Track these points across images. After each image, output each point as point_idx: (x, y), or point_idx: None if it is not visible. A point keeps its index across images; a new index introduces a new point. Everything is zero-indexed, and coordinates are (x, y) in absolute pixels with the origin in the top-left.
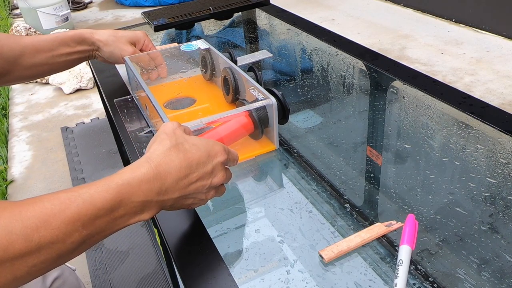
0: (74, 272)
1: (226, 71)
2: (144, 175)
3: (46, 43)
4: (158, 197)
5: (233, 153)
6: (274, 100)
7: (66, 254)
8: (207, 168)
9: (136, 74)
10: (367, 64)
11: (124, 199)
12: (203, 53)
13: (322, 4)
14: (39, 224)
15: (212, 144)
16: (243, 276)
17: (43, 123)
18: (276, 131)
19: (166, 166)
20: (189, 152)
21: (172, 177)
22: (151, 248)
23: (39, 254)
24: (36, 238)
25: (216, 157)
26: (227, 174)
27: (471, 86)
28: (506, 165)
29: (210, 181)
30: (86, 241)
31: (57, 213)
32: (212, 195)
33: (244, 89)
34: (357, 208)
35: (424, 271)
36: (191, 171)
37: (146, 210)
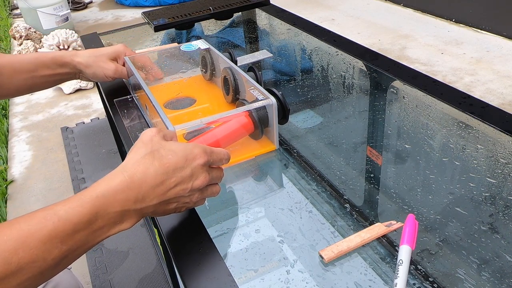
0: (70, 271)
1: (226, 71)
2: (118, 185)
3: (25, 64)
4: (136, 205)
5: (219, 152)
6: (274, 100)
7: (48, 271)
8: (186, 172)
9: (136, 74)
10: (367, 64)
11: (100, 211)
12: (203, 53)
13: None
14: (17, 246)
15: (191, 147)
16: (243, 276)
17: (43, 123)
18: (276, 131)
19: (141, 174)
20: (165, 158)
21: (148, 184)
22: (151, 248)
23: (21, 274)
24: (15, 260)
25: (194, 160)
26: (212, 175)
27: (471, 86)
28: (506, 165)
29: (191, 185)
30: (68, 256)
31: (34, 232)
32: (198, 197)
33: (244, 89)
34: (357, 208)
35: (424, 271)
36: (168, 177)
37: (126, 220)
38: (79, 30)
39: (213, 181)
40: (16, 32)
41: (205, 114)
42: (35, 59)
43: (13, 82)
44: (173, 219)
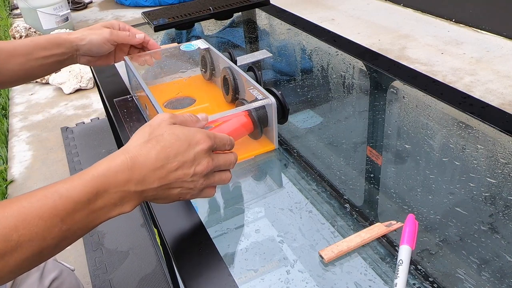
0: (73, 272)
1: (226, 70)
2: (119, 165)
3: (21, 47)
4: (136, 187)
5: (222, 137)
6: (273, 100)
7: (48, 251)
8: (188, 156)
9: (136, 73)
10: (367, 64)
11: (100, 191)
12: (202, 53)
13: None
14: (18, 223)
15: (194, 132)
16: (243, 276)
17: (43, 123)
18: (275, 131)
19: (142, 157)
20: (167, 142)
21: (148, 167)
22: (151, 248)
23: (20, 252)
24: (15, 237)
25: (197, 144)
26: (218, 161)
27: (471, 86)
28: (506, 165)
29: (193, 169)
30: (68, 236)
31: (35, 210)
32: (203, 183)
33: (243, 89)
34: (357, 208)
35: (424, 271)
36: (169, 161)
37: (126, 202)
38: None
39: (219, 168)
40: (16, 32)
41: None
42: (31, 41)
43: (9, 67)
44: (173, 220)
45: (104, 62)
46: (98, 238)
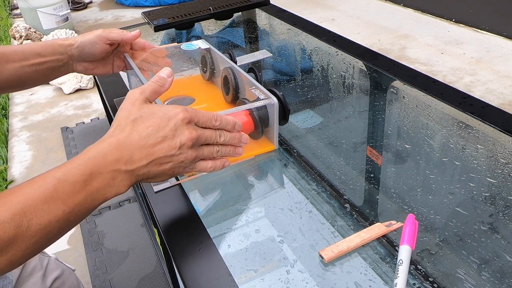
0: (73, 273)
1: (227, 70)
2: (106, 147)
3: (16, 52)
4: (126, 166)
5: (205, 113)
6: (275, 100)
7: (53, 234)
8: (169, 129)
9: (136, 71)
10: (367, 64)
11: (94, 172)
12: (203, 52)
13: (322, 4)
14: (25, 208)
15: (171, 107)
16: (243, 276)
17: (43, 123)
18: (276, 131)
19: (126, 138)
20: (146, 120)
21: (133, 146)
22: (151, 248)
23: (30, 236)
24: (25, 222)
25: (176, 116)
26: (203, 132)
27: (471, 86)
28: (506, 165)
29: (178, 141)
30: (71, 219)
31: (38, 195)
32: (192, 155)
33: (244, 89)
34: (357, 208)
35: (424, 271)
36: (152, 137)
37: (119, 182)
38: (79, 30)
39: (206, 140)
40: (16, 32)
41: None
42: (27, 46)
43: (3, 72)
44: (173, 220)
45: (102, 71)
46: (98, 238)
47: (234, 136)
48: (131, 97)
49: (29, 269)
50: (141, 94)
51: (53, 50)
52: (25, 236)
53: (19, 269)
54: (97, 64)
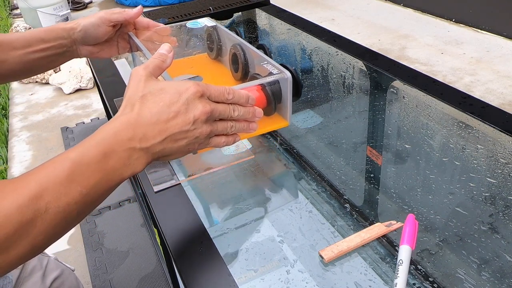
0: (73, 272)
1: (236, 47)
2: (118, 126)
3: (20, 39)
4: (141, 144)
5: (217, 87)
6: (288, 74)
7: (72, 217)
8: (180, 104)
9: (142, 48)
10: (367, 64)
11: (108, 152)
12: (209, 30)
13: (322, 4)
14: (42, 191)
15: (181, 82)
16: (243, 276)
17: (43, 123)
18: (290, 106)
19: (138, 116)
20: (156, 97)
21: (145, 124)
22: (151, 248)
23: (50, 220)
24: (43, 204)
25: (186, 91)
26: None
27: (471, 86)
28: (506, 165)
29: (192, 116)
30: (88, 201)
31: (53, 178)
32: (207, 130)
33: (254, 66)
34: (357, 208)
35: (424, 271)
36: (164, 113)
37: (135, 160)
38: None
39: (218, 115)
40: (16, 32)
41: None
42: (29, 33)
43: (7, 60)
44: (173, 219)
45: (107, 54)
46: (98, 238)
47: (248, 110)
48: (136, 74)
49: (29, 269)
50: (144, 70)
51: (56, 35)
52: (44, 220)
53: (18, 269)
54: (102, 47)
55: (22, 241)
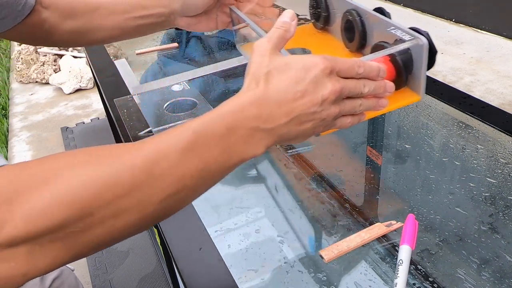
0: (73, 272)
1: (350, 12)
2: (244, 102)
3: (122, 4)
4: (266, 125)
5: (346, 60)
6: (424, 40)
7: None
8: (308, 81)
9: (250, 23)
10: None
11: (232, 127)
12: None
13: None
14: (158, 158)
15: (307, 57)
16: (243, 276)
17: (43, 123)
18: (423, 77)
19: (261, 94)
20: (282, 74)
21: (271, 102)
22: (151, 248)
23: (161, 188)
24: (158, 170)
25: (314, 67)
26: (346, 84)
27: (471, 86)
28: (506, 165)
29: (320, 96)
30: (205, 177)
31: (171, 145)
32: (335, 111)
33: (372, 34)
34: (357, 208)
35: (424, 271)
36: (290, 92)
37: (257, 140)
38: None
39: (348, 92)
40: None
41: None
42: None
43: (106, 25)
44: (173, 219)
45: (205, 27)
46: None
47: (379, 85)
48: (259, 48)
49: None
50: (268, 43)
51: (157, 3)
52: (156, 187)
53: None
54: (200, 19)
55: (132, 208)
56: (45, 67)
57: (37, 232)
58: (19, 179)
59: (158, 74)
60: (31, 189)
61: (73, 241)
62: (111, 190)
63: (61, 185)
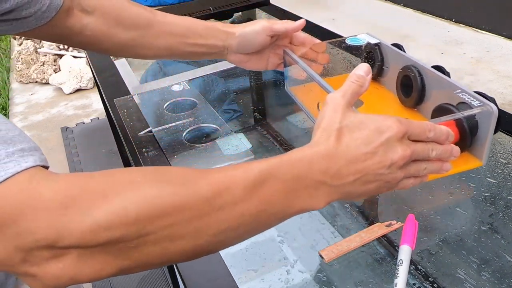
0: None
1: (409, 68)
2: (314, 154)
3: (177, 28)
4: (332, 181)
5: (419, 124)
6: (495, 108)
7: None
8: (379, 143)
9: (302, 64)
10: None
11: (299, 175)
12: (369, 48)
13: (322, 4)
14: (224, 189)
15: (382, 118)
16: (243, 276)
17: (43, 123)
18: (488, 144)
19: (333, 149)
20: (356, 132)
21: (341, 160)
22: None
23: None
24: (220, 202)
25: (388, 130)
26: (415, 148)
27: (471, 86)
28: (506, 165)
29: (390, 158)
30: (261, 219)
31: (237, 180)
32: (400, 175)
33: (430, 91)
34: (357, 208)
35: (424, 271)
36: (361, 151)
37: (320, 194)
38: None
39: (417, 156)
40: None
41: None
42: (189, 24)
43: (157, 44)
44: None
45: (255, 65)
46: None
47: (445, 149)
48: (333, 102)
49: None
50: (342, 98)
51: (213, 35)
52: (215, 219)
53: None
54: (252, 57)
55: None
56: (45, 67)
57: (91, 242)
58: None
59: (158, 74)
60: (91, 199)
61: (123, 255)
62: (173, 214)
63: (124, 201)
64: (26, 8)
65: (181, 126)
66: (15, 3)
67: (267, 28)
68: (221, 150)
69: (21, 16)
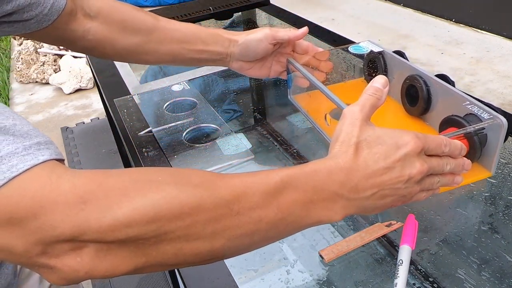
0: None
1: (415, 77)
2: (333, 166)
3: (180, 34)
4: (350, 194)
5: (435, 138)
6: (504, 121)
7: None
8: (397, 157)
9: (306, 73)
10: None
11: (318, 187)
12: (372, 56)
13: (322, 4)
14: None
15: (400, 133)
16: (243, 276)
17: (43, 123)
18: (497, 155)
19: (352, 163)
20: (373, 147)
21: (359, 174)
22: None
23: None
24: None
25: (405, 145)
26: (431, 163)
27: (471, 86)
28: (506, 165)
29: (407, 173)
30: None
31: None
32: (416, 189)
33: (436, 101)
34: None
35: (424, 271)
36: (379, 166)
37: (337, 206)
38: None
39: (433, 171)
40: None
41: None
42: (194, 29)
43: (160, 50)
44: None
45: (256, 73)
46: None
47: (458, 163)
48: (351, 116)
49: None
50: (360, 112)
51: (216, 41)
52: (232, 223)
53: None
54: (254, 64)
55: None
56: (45, 67)
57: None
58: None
59: (158, 74)
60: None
61: (140, 253)
62: (192, 215)
63: (144, 199)
64: (28, 10)
65: (181, 126)
66: (16, 5)
67: (269, 36)
68: (221, 150)
69: (22, 18)
